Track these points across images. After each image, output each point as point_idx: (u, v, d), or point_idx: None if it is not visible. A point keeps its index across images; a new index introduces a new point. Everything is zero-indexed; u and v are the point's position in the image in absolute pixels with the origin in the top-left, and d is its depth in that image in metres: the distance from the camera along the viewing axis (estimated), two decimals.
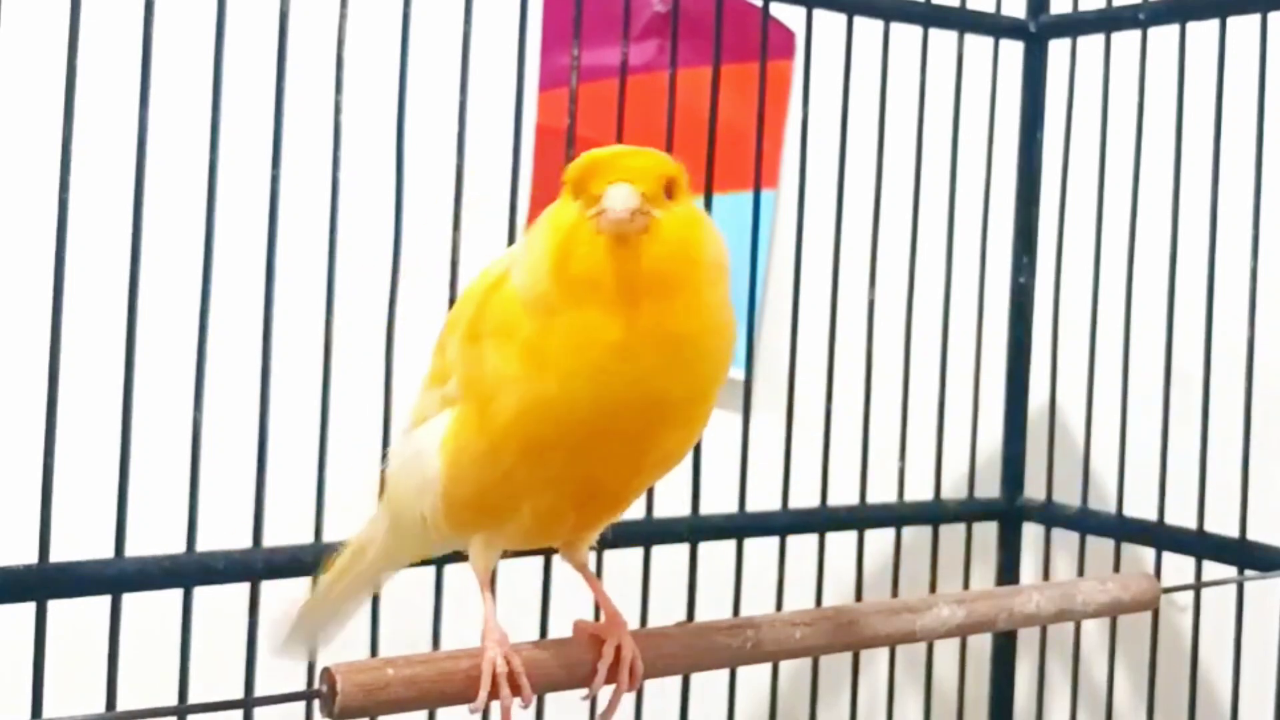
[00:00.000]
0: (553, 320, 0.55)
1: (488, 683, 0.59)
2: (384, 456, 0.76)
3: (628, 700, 0.93)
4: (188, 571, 0.79)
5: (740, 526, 0.98)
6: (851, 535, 1.04)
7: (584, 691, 0.63)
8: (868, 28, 1.03)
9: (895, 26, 1.03)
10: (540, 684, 0.61)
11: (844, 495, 1.03)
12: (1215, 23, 0.98)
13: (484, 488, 0.59)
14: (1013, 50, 1.12)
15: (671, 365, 0.55)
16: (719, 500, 0.97)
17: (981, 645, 1.14)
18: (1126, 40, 1.06)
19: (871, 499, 1.05)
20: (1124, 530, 1.05)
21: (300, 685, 0.81)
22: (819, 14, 1.00)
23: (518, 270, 0.57)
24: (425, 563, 0.86)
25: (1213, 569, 0.99)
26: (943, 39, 1.06)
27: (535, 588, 0.89)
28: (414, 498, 0.62)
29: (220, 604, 0.81)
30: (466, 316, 0.60)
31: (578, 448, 0.56)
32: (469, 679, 0.59)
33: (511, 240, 0.89)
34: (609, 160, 0.55)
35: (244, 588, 0.81)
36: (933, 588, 1.07)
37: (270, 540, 0.81)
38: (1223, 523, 0.99)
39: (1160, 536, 1.03)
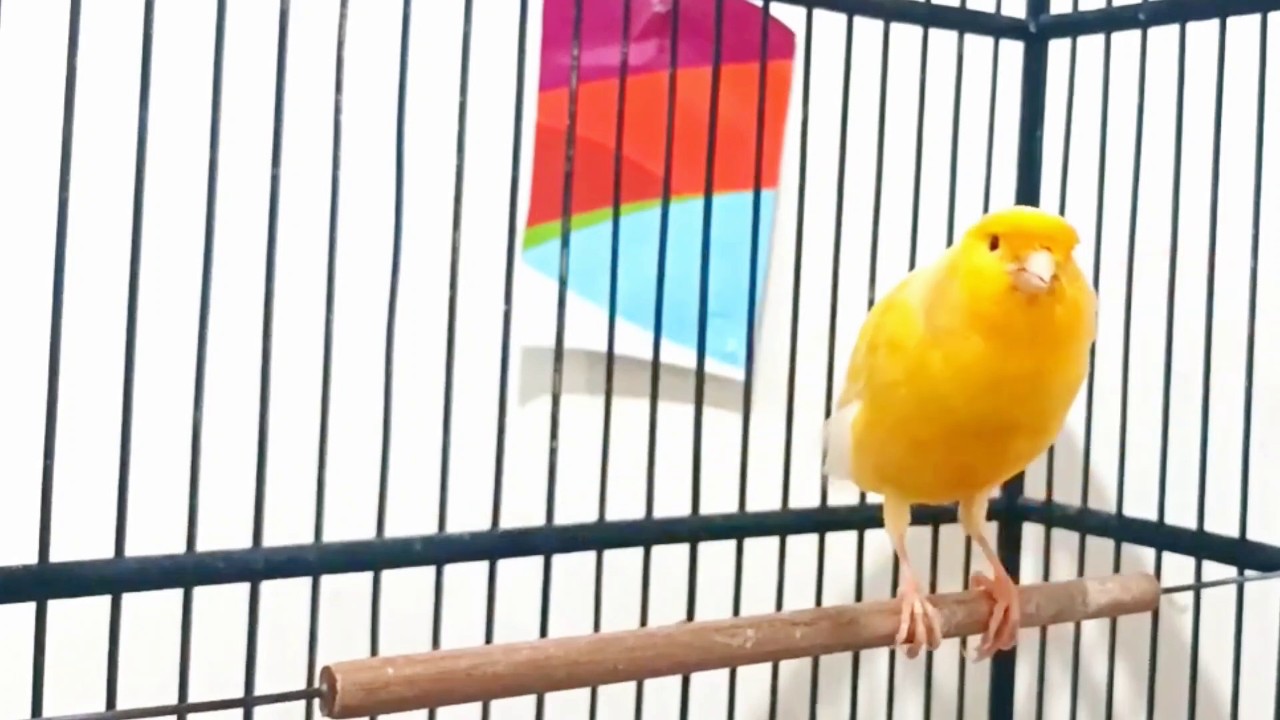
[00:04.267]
0: (948, 344, 0.65)
1: (907, 618, 0.71)
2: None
3: (628, 700, 0.94)
4: (188, 571, 0.79)
5: (740, 526, 0.98)
6: (851, 535, 1.04)
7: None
8: (868, 28, 1.03)
9: (895, 26, 1.03)
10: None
11: (844, 495, 1.03)
12: (1215, 23, 0.98)
13: (881, 464, 0.72)
14: (1013, 50, 1.13)
15: (1031, 399, 0.66)
16: (719, 500, 0.97)
17: None
18: (1126, 40, 1.06)
19: (871, 499, 1.05)
20: (1124, 530, 1.05)
21: (300, 685, 0.81)
22: (819, 14, 1.00)
23: (922, 295, 0.68)
24: (426, 564, 0.87)
25: (1213, 569, 0.99)
26: (943, 39, 1.06)
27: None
28: (838, 460, 0.76)
29: (220, 604, 0.81)
30: (871, 327, 0.72)
31: (949, 446, 0.68)
32: (469, 678, 0.60)
33: (511, 240, 0.90)
34: (1035, 226, 0.64)
35: (244, 588, 0.81)
36: (933, 588, 1.07)
37: (270, 540, 0.81)
38: (1223, 523, 0.99)
39: (1160, 536, 1.03)
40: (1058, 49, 1.12)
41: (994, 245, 0.64)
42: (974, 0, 1.09)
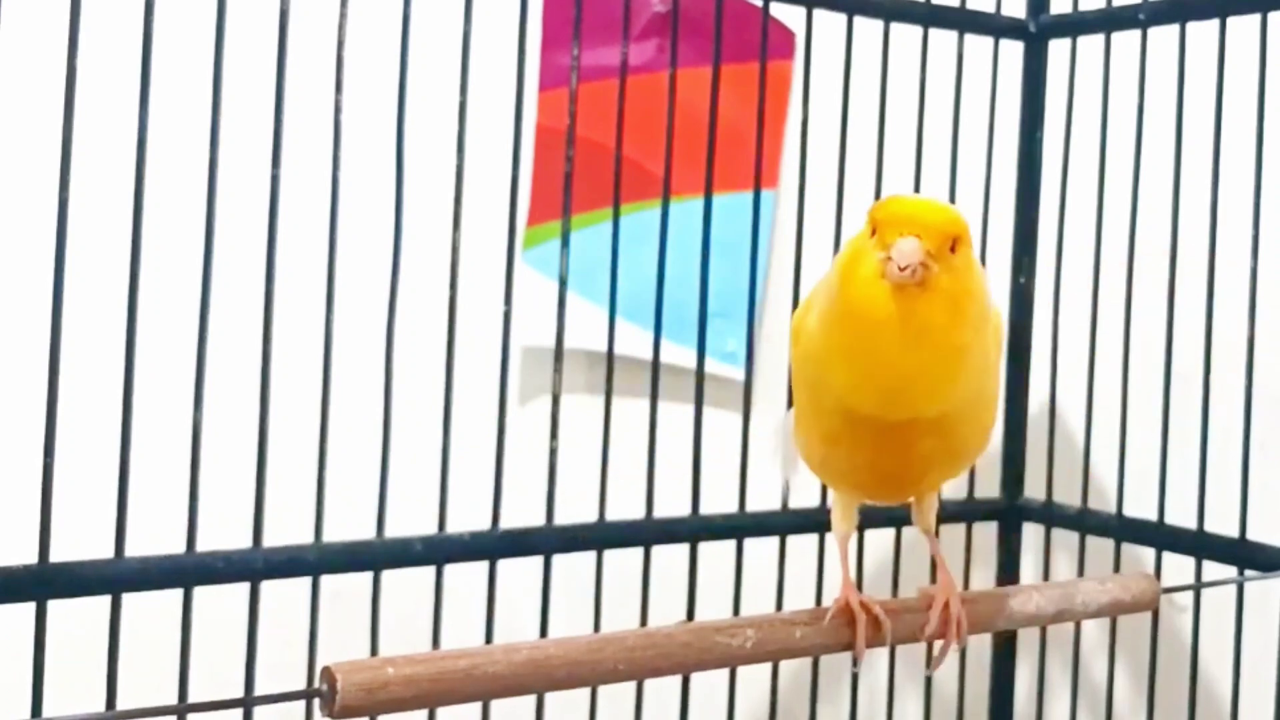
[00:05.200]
0: (830, 335, 0.63)
1: (861, 614, 0.69)
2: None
3: (628, 700, 0.94)
4: (188, 571, 0.79)
5: (740, 526, 0.98)
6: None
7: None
8: (868, 28, 1.03)
9: (895, 26, 1.03)
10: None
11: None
12: (1215, 23, 0.98)
13: (810, 458, 0.71)
14: (1013, 50, 1.12)
15: (907, 395, 0.63)
16: (719, 500, 0.97)
17: (981, 645, 1.14)
18: (1126, 40, 1.06)
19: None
20: (1124, 530, 1.05)
21: (300, 685, 0.81)
22: (819, 14, 1.00)
23: (815, 284, 0.66)
24: (426, 564, 0.87)
25: (1213, 569, 0.99)
26: (943, 39, 1.06)
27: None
28: (792, 453, 0.74)
29: (220, 604, 0.81)
30: (795, 320, 0.70)
31: (854, 441, 0.66)
32: (469, 678, 0.60)
33: (511, 240, 0.90)
34: (906, 212, 0.62)
35: (244, 588, 0.81)
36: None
37: (270, 540, 0.81)
38: (1223, 523, 0.99)
39: (1160, 536, 1.03)
40: (1058, 49, 1.12)
41: (874, 233, 0.62)
42: (974, 0, 1.09)
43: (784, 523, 1.01)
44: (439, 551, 0.87)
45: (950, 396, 0.64)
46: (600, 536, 0.93)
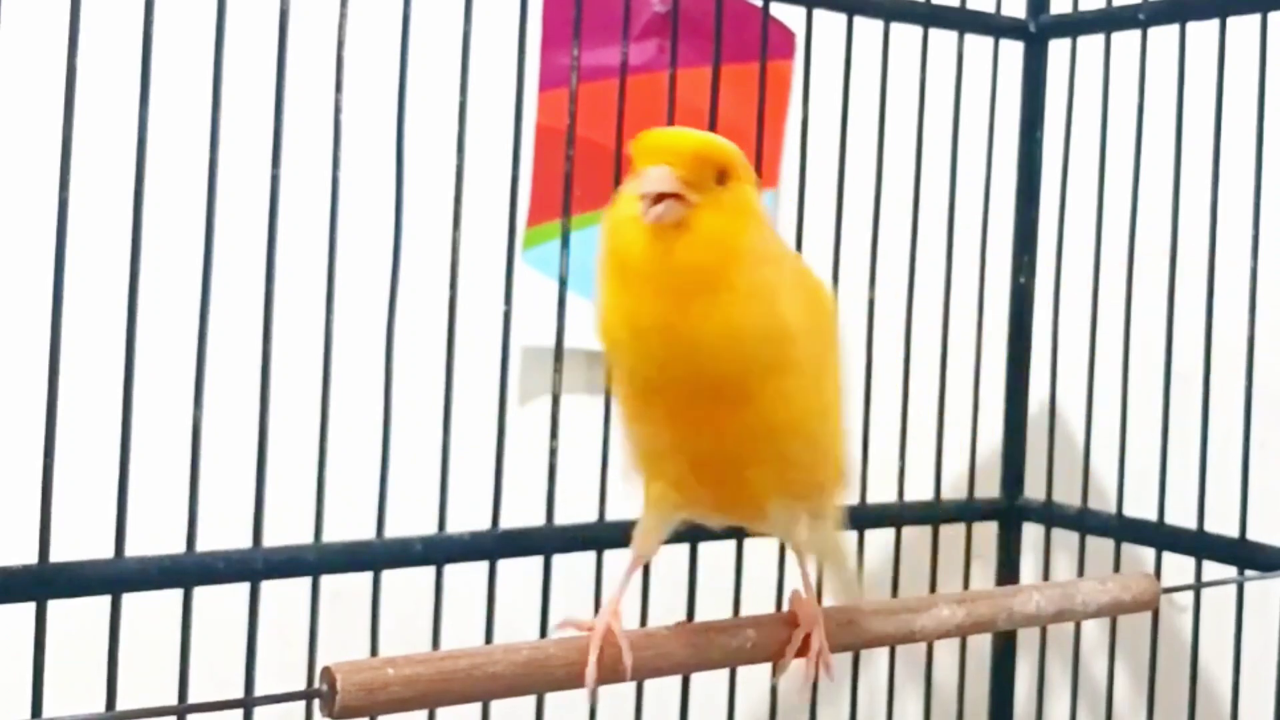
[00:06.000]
0: (605, 293, 0.56)
1: (598, 645, 0.61)
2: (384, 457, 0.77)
3: (628, 700, 0.94)
4: (188, 571, 0.79)
5: (740, 526, 0.98)
6: (851, 535, 1.04)
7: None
8: (868, 28, 1.03)
9: (895, 26, 1.03)
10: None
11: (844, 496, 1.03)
12: (1215, 23, 0.98)
13: (634, 453, 0.63)
14: (1013, 50, 1.12)
15: (678, 353, 0.56)
16: None
17: (981, 645, 1.14)
18: (1126, 40, 1.06)
19: (871, 499, 1.05)
20: (1124, 530, 1.05)
21: (300, 685, 0.81)
22: (819, 14, 1.00)
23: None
24: (426, 564, 0.86)
25: (1213, 569, 0.99)
26: (943, 39, 1.06)
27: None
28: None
29: (220, 604, 0.81)
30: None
31: (655, 419, 0.59)
32: (469, 678, 0.60)
33: (511, 240, 0.90)
34: (661, 141, 0.55)
35: (244, 588, 0.81)
36: (933, 588, 1.07)
37: (270, 540, 0.81)
38: (1223, 523, 0.99)
39: (1160, 536, 1.03)
40: (1058, 49, 1.12)
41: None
42: (974, 0, 1.09)
43: None
44: (439, 551, 0.87)
45: (733, 352, 0.56)
46: (600, 536, 0.93)
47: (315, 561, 0.83)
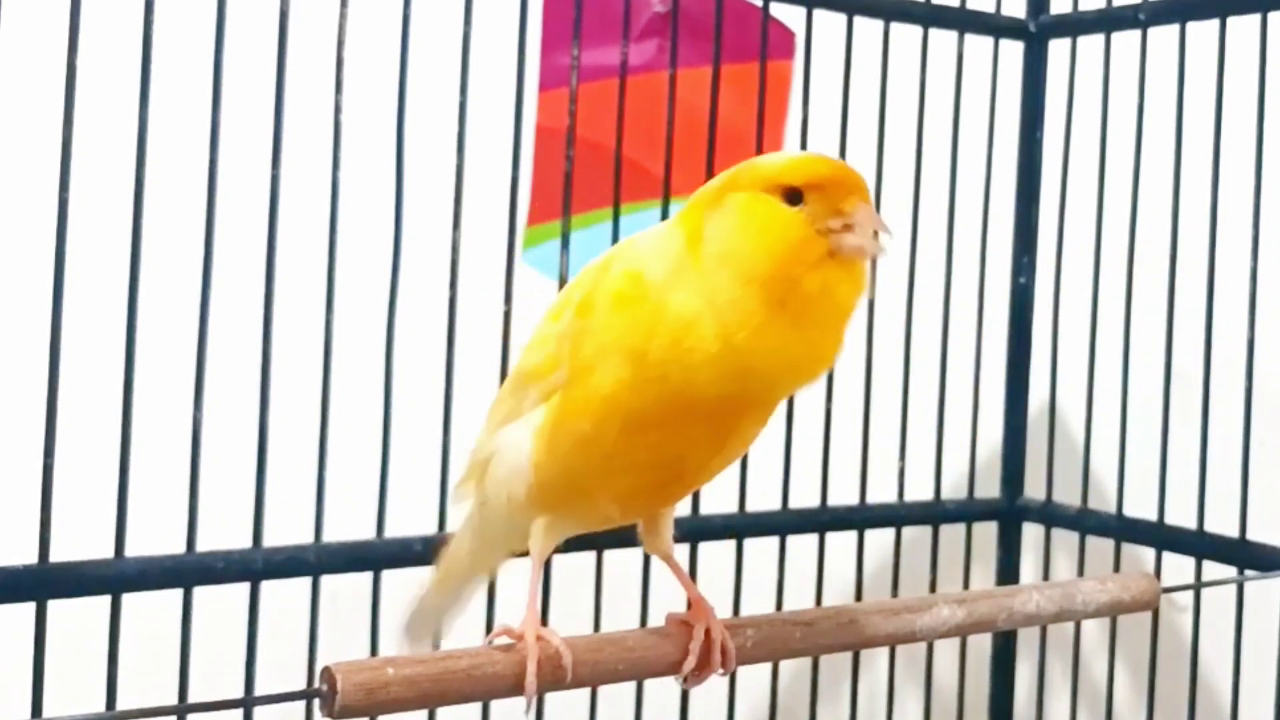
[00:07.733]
0: (725, 314, 0.55)
1: (535, 648, 0.60)
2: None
3: (628, 700, 0.94)
4: (188, 571, 0.79)
5: (740, 526, 0.98)
6: (851, 535, 1.04)
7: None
8: (868, 28, 1.03)
9: (895, 26, 1.03)
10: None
11: (844, 495, 1.03)
12: (1215, 23, 0.98)
13: (575, 469, 0.61)
14: (1013, 50, 1.12)
15: (795, 378, 0.58)
16: (719, 500, 0.97)
17: (981, 645, 1.14)
18: (1126, 40, 1.06)
19: (871, 499, 1.05)
20: (1124, 530, 1.05)
21: (300, 685, 0.81)
22: (819, 14, 1.00)
23: (657, 263, 0.58)
24: (426, 564, 0.86)
25: (1213, 569, 0.99)
26: (943, 39, 1.06)
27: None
28: (505, 482, 0.64)
29: (220, 604, 0.81)
30: (577, 300, 0.61)
31: (666, 425, 0.58)
32: (469, 678, 0.59)
33: (511, 240, 0.89)
34: (849, 176, 0.55)
35: (244, 588, 0.81)
36: (933, 588, 1.07)
37: (270, 540, 0.81)
38: (1223, 523, 0.99)
39: (1160, 536, 1.03)
40: (1058, 49, 1.12)
41: (792, 200, 0.56)
42: (974, 0, 1.09)
43: (784, 523, 1.01)
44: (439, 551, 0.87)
45: (818, 374, 0.59)
46: (599, 536, 0.93)
47: (315, 561, 0.83)
